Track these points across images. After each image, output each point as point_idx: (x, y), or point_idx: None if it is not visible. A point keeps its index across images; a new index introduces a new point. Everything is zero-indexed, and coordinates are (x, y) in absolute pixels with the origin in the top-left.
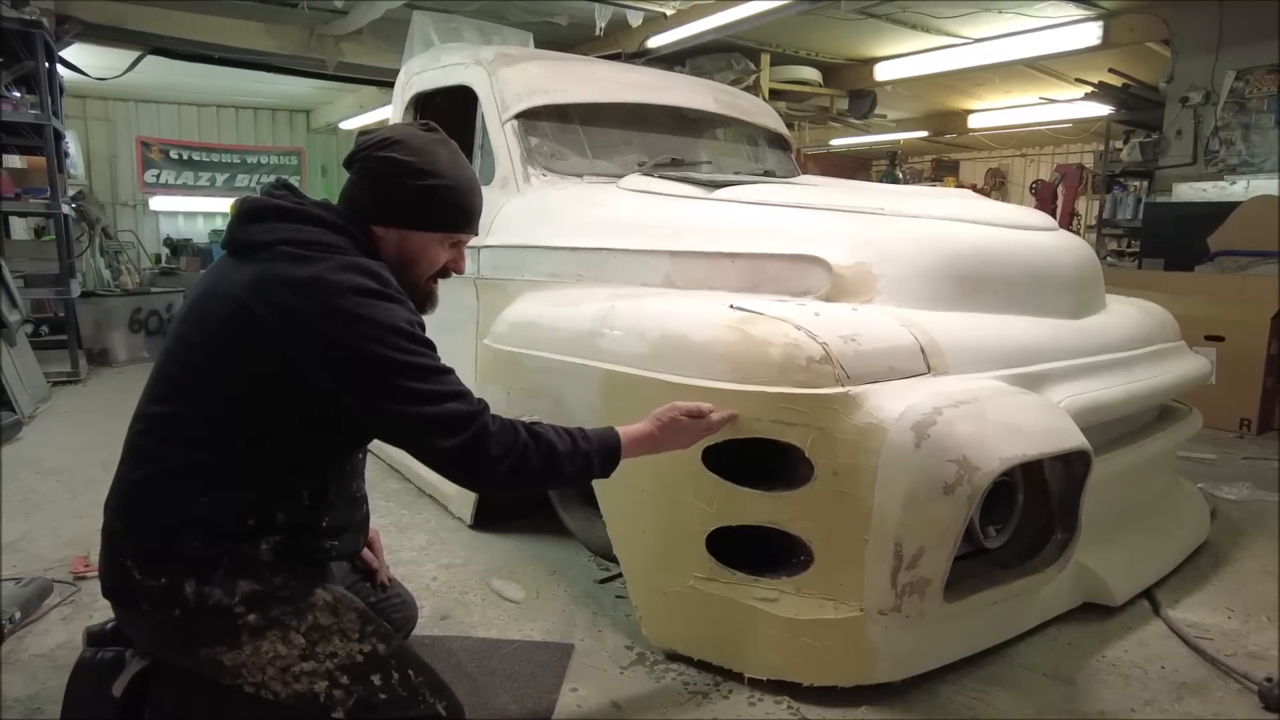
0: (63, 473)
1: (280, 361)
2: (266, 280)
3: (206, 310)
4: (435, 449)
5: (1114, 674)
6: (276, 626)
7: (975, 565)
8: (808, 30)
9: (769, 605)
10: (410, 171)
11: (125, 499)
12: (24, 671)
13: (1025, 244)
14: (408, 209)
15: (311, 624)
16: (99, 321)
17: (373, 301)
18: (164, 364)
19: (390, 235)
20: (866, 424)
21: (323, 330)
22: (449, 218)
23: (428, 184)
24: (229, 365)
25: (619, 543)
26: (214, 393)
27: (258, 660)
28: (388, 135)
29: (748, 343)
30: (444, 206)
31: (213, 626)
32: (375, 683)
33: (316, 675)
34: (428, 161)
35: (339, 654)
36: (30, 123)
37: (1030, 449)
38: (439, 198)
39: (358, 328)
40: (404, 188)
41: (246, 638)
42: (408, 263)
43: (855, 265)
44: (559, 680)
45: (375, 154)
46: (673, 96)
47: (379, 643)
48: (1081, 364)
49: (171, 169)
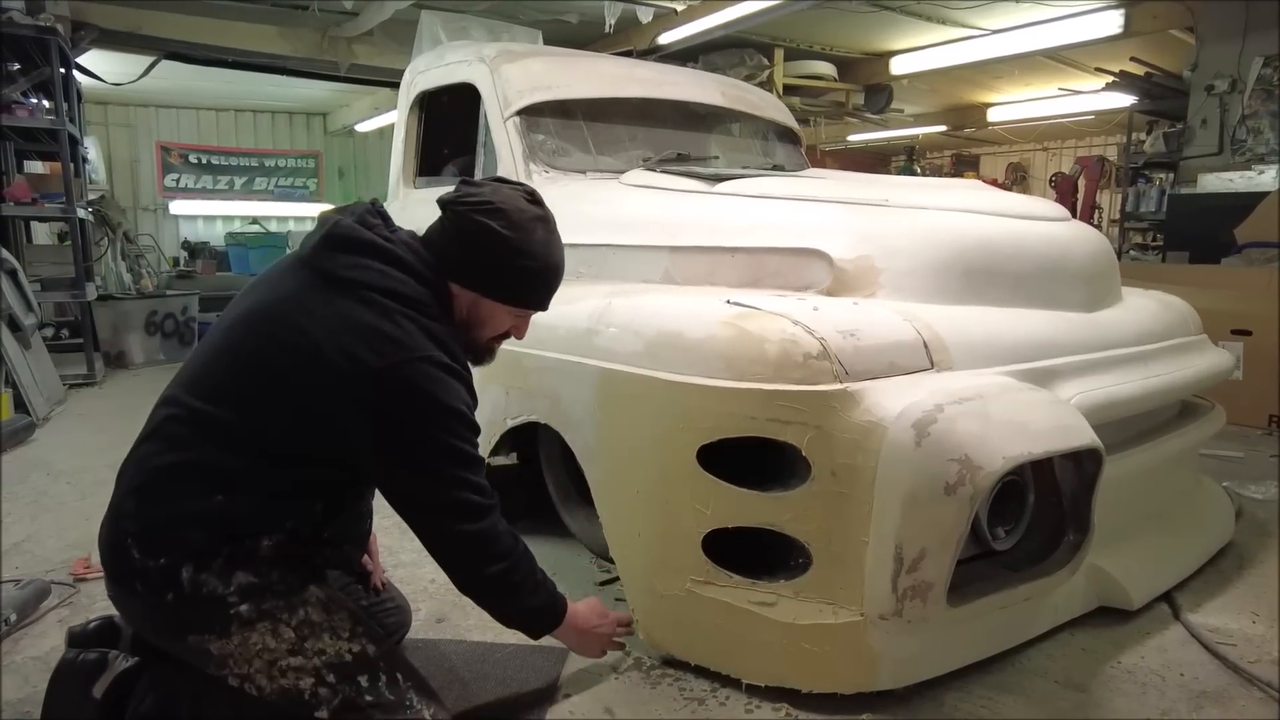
0: (73, 475)
1: (333, 407)
2: (346, 327)
3: (273, 331)
4: (447, 531)
5: (1130, 681)
6: (267, 619)
7: (984, 568)
8: (821, 24)
9: (767, 609)
10: (504, 248)
11: (142, 480)
12: (17, 674)
13: (1035, 234)
14: (490, 281)
15: (302, 619)
16: (116, 324)
17: (442, 377)
18: (211, 362)
19: (465, 296)
20: (865, 422)
21: (386, 392)
22: (527, 297)
23: (517, 264)
24: (281, 392)
25: (615, 545)
26: (258, 410)
27: (245, 652)
28: (490, 201)
29: (744, 339)
30: (526, 287)
31: (204, 614)
32: (362, 684)
33: (303, 671)
34: (523, 239)
35: (327, 651)
36: (46, 128)
37: (1036, 447)
38: (523, 279)
39: (419, 404)
40: (492, 262)
41: (236, 628)
42: (474, 325)
43: (858, 259)
44: (553, 686)
45: (474, 216)
46: (679, 91)
47: (369, 644)
48: (1094, 359)
49: (191, 173)
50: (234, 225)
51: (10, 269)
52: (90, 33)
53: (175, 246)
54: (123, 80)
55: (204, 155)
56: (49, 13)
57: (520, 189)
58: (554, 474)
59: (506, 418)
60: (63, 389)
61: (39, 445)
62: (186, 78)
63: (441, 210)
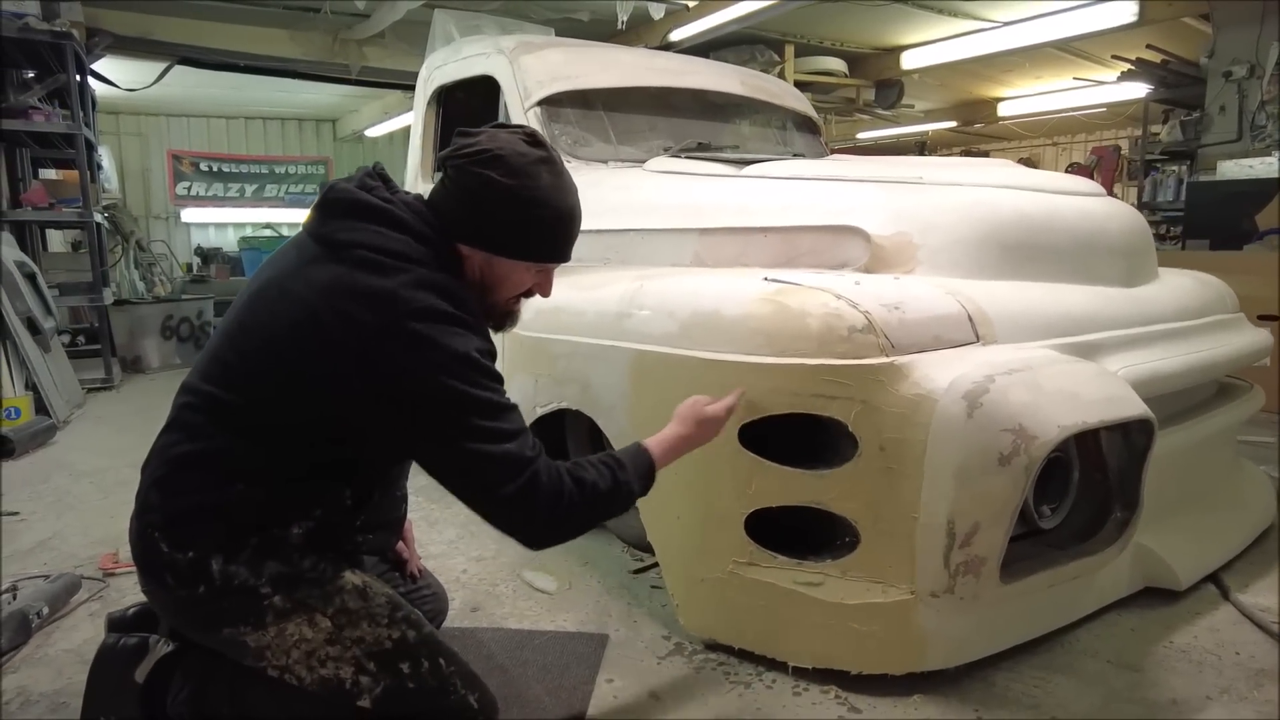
0: (95, 474)
1: (335, 373)
2: (338, 287)
3: (273, 304)
4: (487, 493)
5: (1184, 660)
6: (303, 609)
7: (1030, 547)
8: (832, 19)
9: (813, 590)
10: (507, 199)
11: (163, 471)
12: (51, 666)
13: (1072, 209)
14: (499, 237)
15: (339, 607)
16: (132, 329)
17: (445, 326)
18: (221, 345)
19: (476, 256)
20: (914, 395)
21: (388, 351)
22: (542, 250)
23: (526, 216)
24: (286, 367)
25: (653, 529)
26: (266, 390)
27: (283, 643)
28: (487, 149)
29: (784, 314)
30: (539, 240)
31: (237, 606)
32: (404, 671)
33: (343, 661)
34: (528, 187)
35: (366, 639)
36: (62, 133)
37: (1090, 417)
38: (535, 231)
39: (425, 354)
40: (498, 215)
41: (271, 619)
42: (491, 286)
43: (895, 235)
44: (594, 671)
45: (471, 169)
46: (698, 80)
47: (409, 629)
48: (1136, 333)
49: (202, 181)
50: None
51: (29, 273)
52: (104, 39)
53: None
54: (136, 86)
55: (215, 163)
56: (64, 18)
57: (519, 131)
58: None
59: (536, 405)
60: (81, 392)
61: (60, 447)
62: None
63: (440, 167)
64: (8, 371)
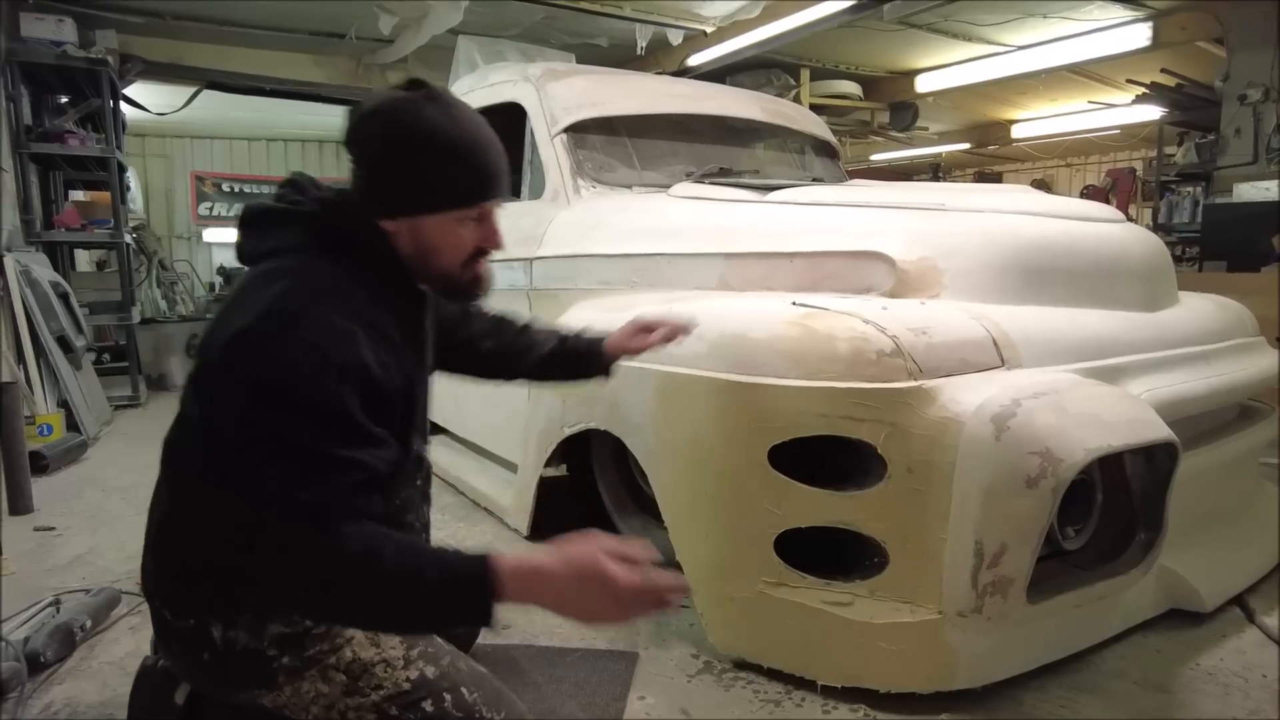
0: (126, 490)
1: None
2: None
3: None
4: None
5: (1211, 683)
6: (314, 665)
7: (1055, 567)
8: (847, 43)
9: (842, 609)
10: (398, 150)
11: (153, 535)
12: (95, 678)
13: (1093, 235)
14: (405, 195)
15: (350, 659)
16: (157, 347)
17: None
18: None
19: (401, 228)
20: (942, 418)
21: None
22: (457, 194)
23: (425, 161)
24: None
25: (681, 549)
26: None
27: (299, 700)
28: (366, 109)
29: (812, 338)
30: (447, 182)
31: (246, 670)
32: (427, 709)
33: (364, 709)
34: (413, 128)
35: (384, 686)
36: (96, 156)
37: (1116, 440)
38: (436, 171)
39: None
40: (393, 170)
41: (284, 679)
42: (428, 253)
43: (919, 260)
44: (626, 688)
45: (357, 135)
46: (719, 106)
47: (426, 665)
48: (1159, 357)
49: (224, 201)
50: None
51: (62, 292)
52: (136, 64)
53: (209, 272)
54: (166, 110)
55: (237, 184)
56: (100, 45)
57: (401, 85)
58: (608, 482)
59: (563, 425)
60: (110, 409)
61: (91, 463)
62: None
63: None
64: (41, 389)
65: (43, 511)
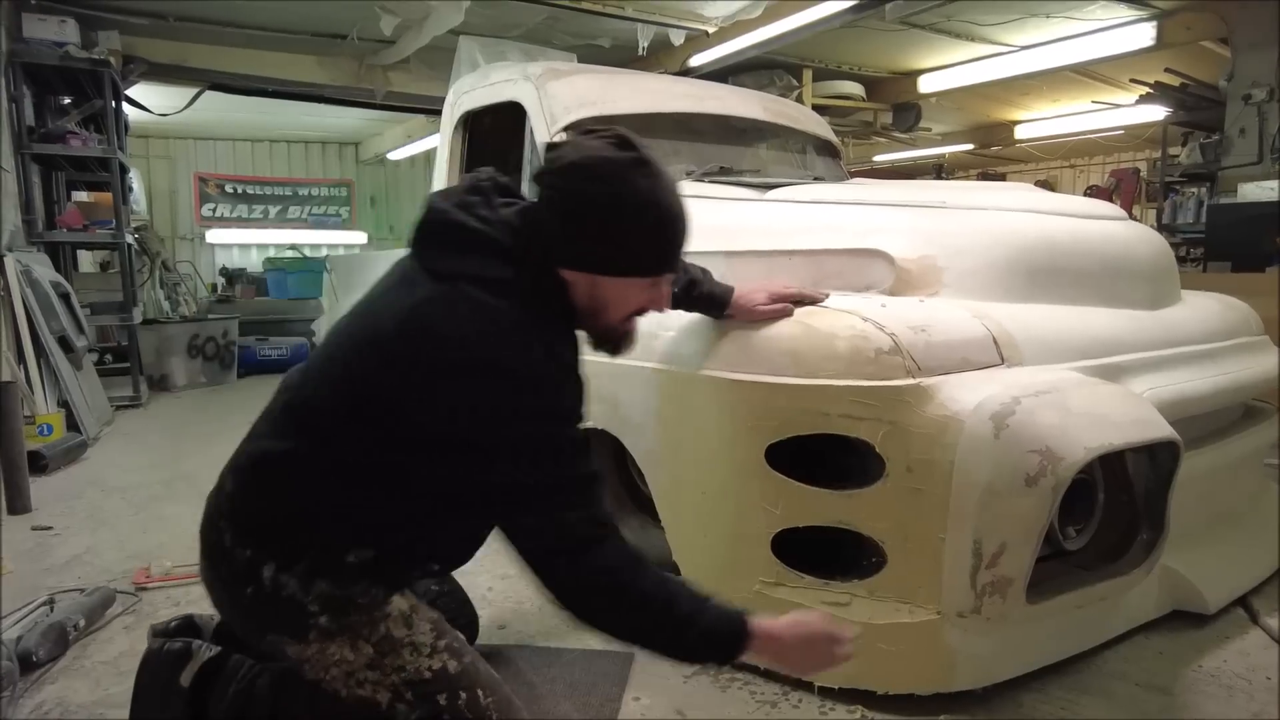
0: (126, 490)
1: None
2: (421, 320)
3: (362, 323)
4: (535, 546)
5: (1215, 684)
6: (347, 633)
7: (1057, 568)
8: (850, 44)
9: (840, 609)
10: (603, 213)
11: (243, 461)
12: (89, 677)
13: (1095, 233)
14: (600, 256)
15: (383, 635)
16: (159, 348)
17: (519, 381)
18: (332, 347)
19: (580, 281)
20: (941, 416)
21: (456, 399)
22: (647, 263)
23: (625, 229)
24: (362, 390)
25: (678, 549)
26: (345, 409)
27: (322, 660)
28: (575, 160)
29: (812, 335)
30: (642, 251)
31: (283, 615)
32: (440, 703)
33: (380, 685)
34: (620, 195)
35: (407, 669)
36: (98, 156)
37: (1117, 438)
38: (635, 241)
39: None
40: (595, 232)
41: (315, 636)
42: (600, 309)
43: (920, 258)
44: (621, 689)
45: (560, 184)
46: (721, 105)
47: (450, 660)
48: (1162, 355)
49: (227, 202)
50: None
51: (64, 293)
52: (139, 65)
53: (212, 273)
54: (168, 111)
55: (240, 185)
56: (102, 46)
57: (608, 135)
58: (607, 482)
59: None
60: (110, 410)
61: (91, 463)
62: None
63: (537, 183)
64: (41, 389)
65: (41, 511)
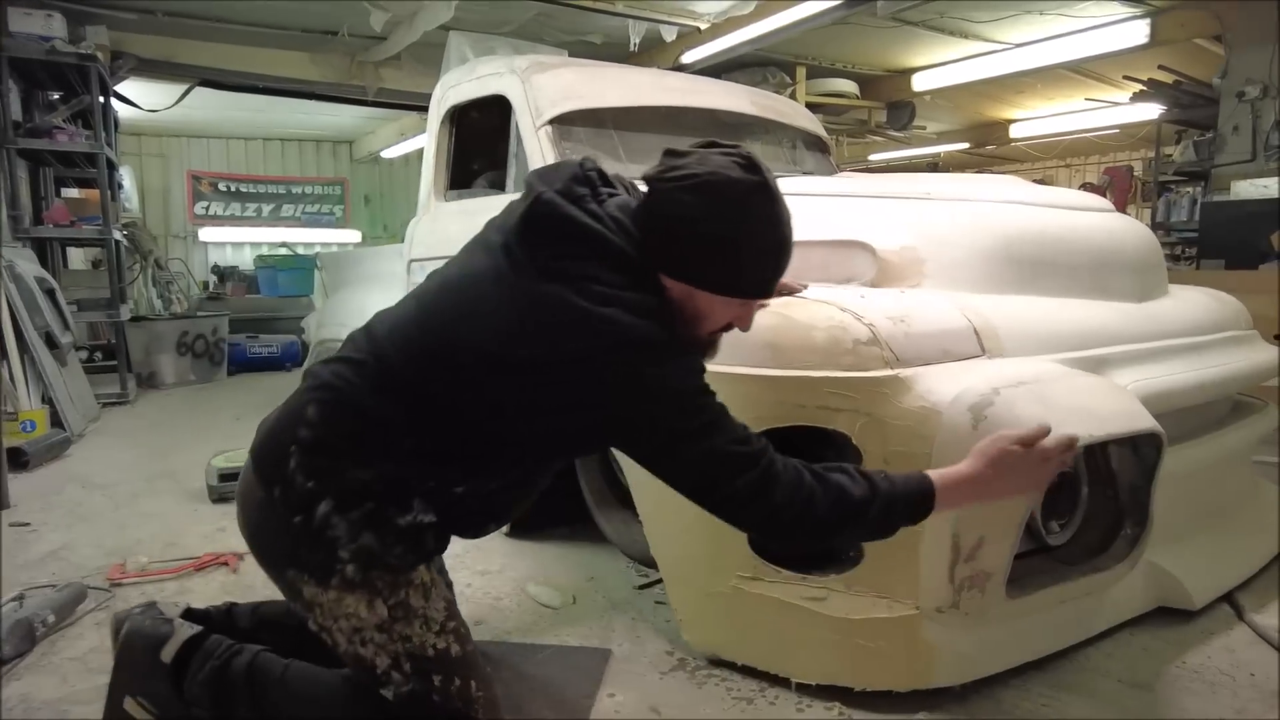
0: (107, 487)
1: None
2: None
3: (475, 300)
4: (717, 493)
5: (1198, 681)
6: (367, 589)
7: (1040, 563)
8: (843, 41)
9: (817, 604)
10: (715, 232)
11: (329, 395)
12: (55, 674)
13: (1081, 225)
14: (706, 272)
15: (400, 600)
16: (148, 345)
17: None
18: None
19: (677, 289)
20: (919, 407)
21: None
22: (748, 288)
23: (734, 250)
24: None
25: (657, 544)
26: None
27: (335, 609)
28: (695, 174)
29: (790, 326)
30: (748, 274)
31: (315, 555)
32: (434, 682)
33: (383, 649)
34: (739, 218)
35: (413, 640)
36: (85, 152)
37: (1098, 430)
38: (744, 265)
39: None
40: (706, 249)
41: (336, 583)
42: (690, 320)
43: (902, 249)
44: (596, 685)
45: (678, 195)
46: (709, 100)
47: (454, 643)
48: (1148, 348)
49: (220, 201)
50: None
51: (49, 289)
52: (128, 61)
53: (205, 272)
54: (158, 108)
55: (233, 183)
56: (90, 41)
57: (733, 154)
58: (589, 478)
59: None
60: (97, 407)
61: (74, 460)
62: (217, 108)
63: (646, 187)
64: (24, 385)
65: (20, 507)
